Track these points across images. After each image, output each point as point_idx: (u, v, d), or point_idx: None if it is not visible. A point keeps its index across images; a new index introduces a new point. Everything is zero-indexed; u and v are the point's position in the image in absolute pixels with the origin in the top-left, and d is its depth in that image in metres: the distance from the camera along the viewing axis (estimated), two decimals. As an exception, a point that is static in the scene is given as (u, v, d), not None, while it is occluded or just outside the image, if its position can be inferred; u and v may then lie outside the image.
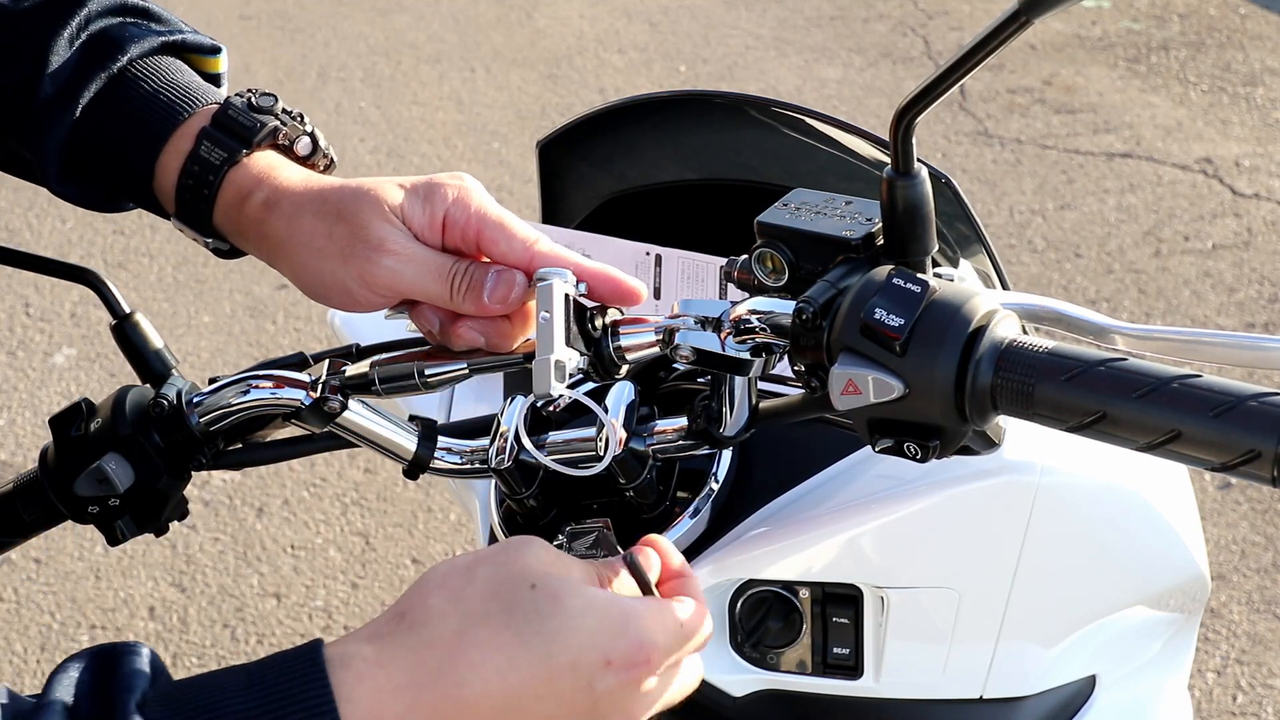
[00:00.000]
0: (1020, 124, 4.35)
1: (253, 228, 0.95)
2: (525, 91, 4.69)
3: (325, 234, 0.91)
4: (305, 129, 0.99)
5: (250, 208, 0.95)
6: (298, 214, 0.92)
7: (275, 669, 0.67)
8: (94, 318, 3.58)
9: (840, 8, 5.22)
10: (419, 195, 0.90)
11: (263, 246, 0.95)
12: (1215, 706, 2.49)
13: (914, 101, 0.76)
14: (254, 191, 0.95)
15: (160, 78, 1.00)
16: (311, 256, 0.91)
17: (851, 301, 0.77)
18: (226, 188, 0.96)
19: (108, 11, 1.02)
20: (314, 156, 1.00)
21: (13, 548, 1.11)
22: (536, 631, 0.69)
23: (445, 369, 0.93)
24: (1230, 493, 2.91)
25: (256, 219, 0.95)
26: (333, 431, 1.00)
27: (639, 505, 0.97)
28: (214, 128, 0.97)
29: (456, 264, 0.90)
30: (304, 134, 0.99)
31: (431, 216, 0.90)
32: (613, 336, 0.88)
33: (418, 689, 0.67)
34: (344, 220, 0.90)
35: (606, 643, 0.70)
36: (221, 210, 0.97)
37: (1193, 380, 0.69)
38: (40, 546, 2.83)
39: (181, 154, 0.97)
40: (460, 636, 0.68)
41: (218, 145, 0.96)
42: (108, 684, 0.67)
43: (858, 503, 0.97)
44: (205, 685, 0.67)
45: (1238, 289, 3.56)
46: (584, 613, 0.70)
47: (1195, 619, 1.19)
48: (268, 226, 0.94)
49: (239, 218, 0.96)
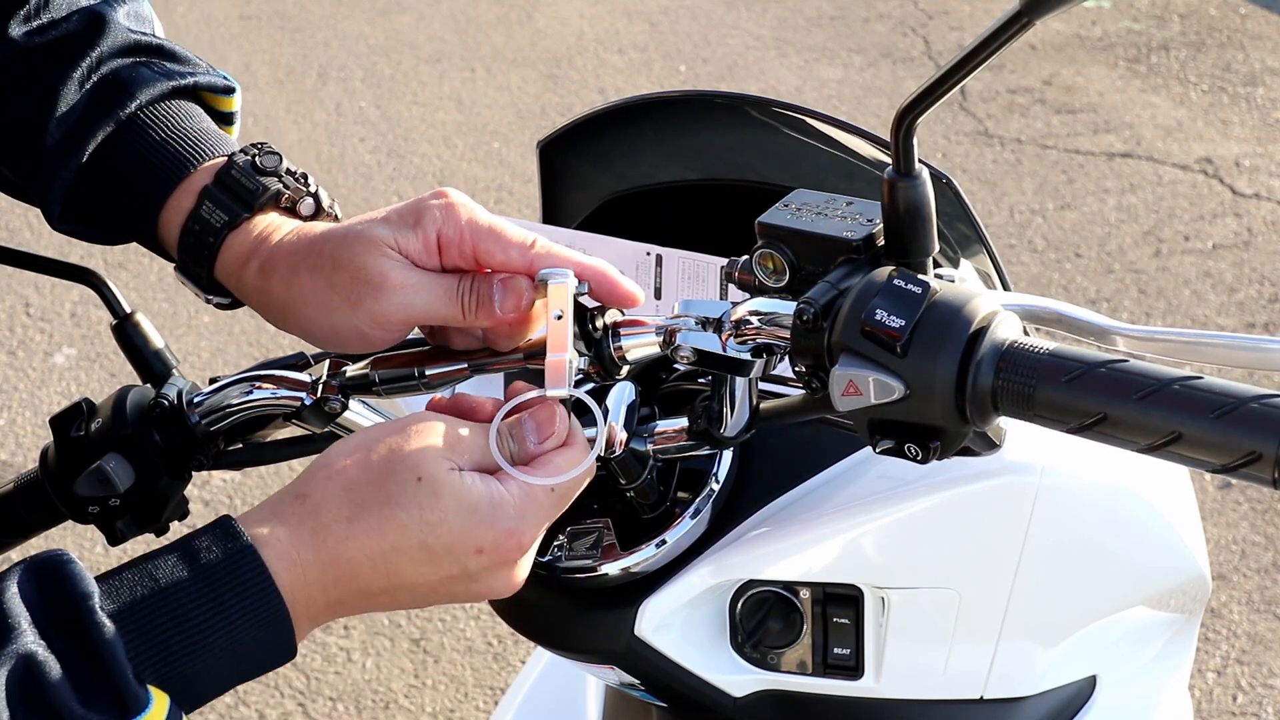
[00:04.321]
0: (1020, 124, 4.35)
1: (255, 295, 0.95)
2: (525, 91, 4.70)
3: (326, 286, 0.90)
4: (309, 189, 0.97)
5: (249, 274, 0.94)
6: (294, 274, 0.91)
7: (209, 553, 0.76)
8: (94, 318, 3.58)
9: (840, 8, 5.21)
10: (407, 223, 0.89)
11: (268, 311, 0.94)
12: (1215, 706, 2.49)
13: (915, 102, 0.76)
14: (251, 258, 0.94)
15: (169, 125, 0.99)
16: (319, 312, 0.90)
17: (852, 302, 0.77)
18: (226, 251, 0.95)
19: (121, 51, 1.01)
20: (318, 217, 0.98)
21: (13, 548, 1.11)
22: (415, 521, 0.78)
23: (445, 369, 0.93)
24: (1230, 493, 2.91)
25: (256, 286, 0.94)
26: (333, 431, 1.00)
27: (639, 505, 0.97)
28: (216, 187, 0.96)
29: (462, 281, 0.89)
30: (307, 195, 0.97)
31: (425, 240, 0.89)
32: (613, 337, 0.88)
33: (322, 565, 0.78)
34: (342, 268, 0.89)
35: (476, 534, 0.79)
36: (222, 272, 0.96)
37: (1194, 382, 0.69)
38: (40, 546, 2.83)
39: (184, 211, 0.96)
40: (350, 522, 0.78)
41: (219, 207, 0.95)
42: (60, 599, 0.72)
43: (858, 503, 0.97)
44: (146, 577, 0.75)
45: (1238, 289, 3.56)
46: (457, 508, 0.79)
47: (1195, 619, 1.19)
48: (268, 294, 0.93)
49: (239, 283, 0.95)
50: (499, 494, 0.80)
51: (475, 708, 2.57)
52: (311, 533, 0.78)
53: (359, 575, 0.79)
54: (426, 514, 0.79)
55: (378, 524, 0.78)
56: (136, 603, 0.74)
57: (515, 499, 0.81)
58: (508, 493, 0.81)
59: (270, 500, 0.81)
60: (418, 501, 0.79)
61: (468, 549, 0.80)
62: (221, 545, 0.76)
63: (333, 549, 0.78)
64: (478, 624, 2.72)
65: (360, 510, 0.79)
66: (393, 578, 0.79)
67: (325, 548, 0.78)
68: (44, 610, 0.72)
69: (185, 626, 0.74)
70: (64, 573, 0.73)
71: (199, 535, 0.77)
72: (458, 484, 0.80)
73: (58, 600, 0.72)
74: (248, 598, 0.75)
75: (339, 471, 0.80)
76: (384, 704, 2.57)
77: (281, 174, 0.97)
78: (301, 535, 0.78)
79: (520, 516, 0.81)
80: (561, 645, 1.00)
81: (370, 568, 0.79)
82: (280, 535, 0.78)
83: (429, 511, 0.79)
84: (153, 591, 0.74)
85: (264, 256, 0.94)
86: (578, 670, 1.22)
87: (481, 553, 0.80)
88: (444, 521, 0.79)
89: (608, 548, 0.96)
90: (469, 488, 0.80)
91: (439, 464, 0.80)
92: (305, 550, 0.78)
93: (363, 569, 0.79)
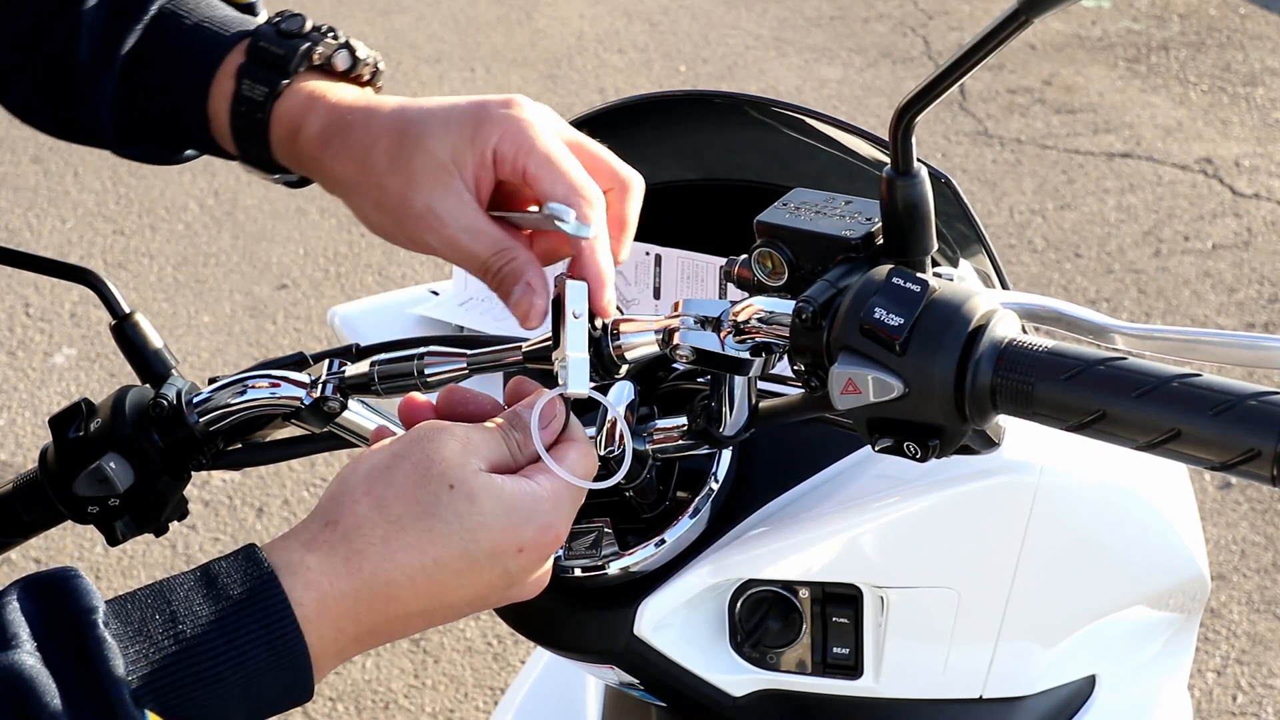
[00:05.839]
0: (1020, 124, 4.35)
1: (308, 164, 0.94)
2: (525, 91, 4.68)
3: (377, 185, 0.89)
4: (339, 42, 0.96)
5: (304, 142, 0.93)
6: (347, 155, 0.90)
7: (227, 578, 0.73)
8: (94, 318, 3.58)
9: (840, 8, 5.21)
10: (466, 133, 0.88)
11: (324, 182, 0.94)
12: (1215, 706, 2.49)
13: (914, 101, 0.76)
14: (304, 124, 0.93)
15: (193, 17, 0.98)
16: (369, 207, 0.90)
17: (851, 301, 0.77)
18: (276, 124, 0.94)
19: None
20: (355, 69, 0.97)
21: (13, 548, 1.12)
22: (455, 530, 0.76)
23: (445, 368, 0.93)
24: (1230, 493, 2.91)
25: (312, 157, 0.93)
26: (333, 431, 1.00)
27: (639, 505, 0.97)
28: (250, 63, 0.95)
29: (494, 257, 0.88)
30: (339, 48, 0.96)
31: (480, 157, 0.87)
32: (613, 336, 0.88)
33: (355, 593, 0.74)
34: (396, 171, 0.88)
35: (518, 533, 0.78)
36: (278, 146, 0.95)
37: (1192, 379, 0.69)
38: (40, 546, 2.83)
39: (227, 96, 0.95)
40: (387, 542, 0.75)
41: (258, 81, 0.94)
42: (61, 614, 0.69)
43: (858, 502, 0.97)
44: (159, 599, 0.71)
45: (1238, 289, 3.56)
46: (495, 508, 0.77)
47: (1195, 619, 1.19)
48: (323, 166, 0.92)
49: (296, 152, 0.94)
50: (531, 489, 0.79)
51: (475, 708, 2.57)
52: (345, 559, 0.75)
53: (397, 599, 0.76)
54: (465, 520, 0.76)
55: (416, 539, 0.76)
56: (144, 623, 0.70)
57: (548, 492, 0.80)
58: (539, 487, 0.80)
59: (297, 529, 0.77)
60: (454, 509, 0.76)
61: (509, 549, 0.78)
62: (241, 571, 0.73)
63: (369, 573, 0.75)
64: (477, 624, 2.72)
65: (397, 529, 0.76)
66: (433, 596, 0.77)
67: (361, 574, 0.75)
68: (44, 624, 0.69)
69: (194, 653, 0.70)
70: (68, 587, 0.71)
71: (219, 560, 0.74)
72: (491, 485, 0.78)
73: (59, 614, 0.70)
74: (264, 627, 0.71)
75: (365, 493, 0.77)
76: (384, 704, 2.57)
77: (307, 32, 0.96)
78: (334, 563, 0.75)
79: (555, 509, 0.80)
80: (561, 645, 1.00)
81: (410, 588, 0.76)
82: (310, 564, 0.74)
83: (467, 517, 0.76)
84: (163, 614, 0.71)
85: (320, 124, 0.93)
86: (578, 670, 1.22)
87: (522, 551, 0.78)
88: (484, 525, 0.77)
89: (608, 547, 0.96)
90: (502, 486, 0.78)
91: (466, 468, 0.78)
92: (339, 580, 0.74)
93: (402, 590, 0.76)
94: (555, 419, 0.83)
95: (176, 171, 4.22)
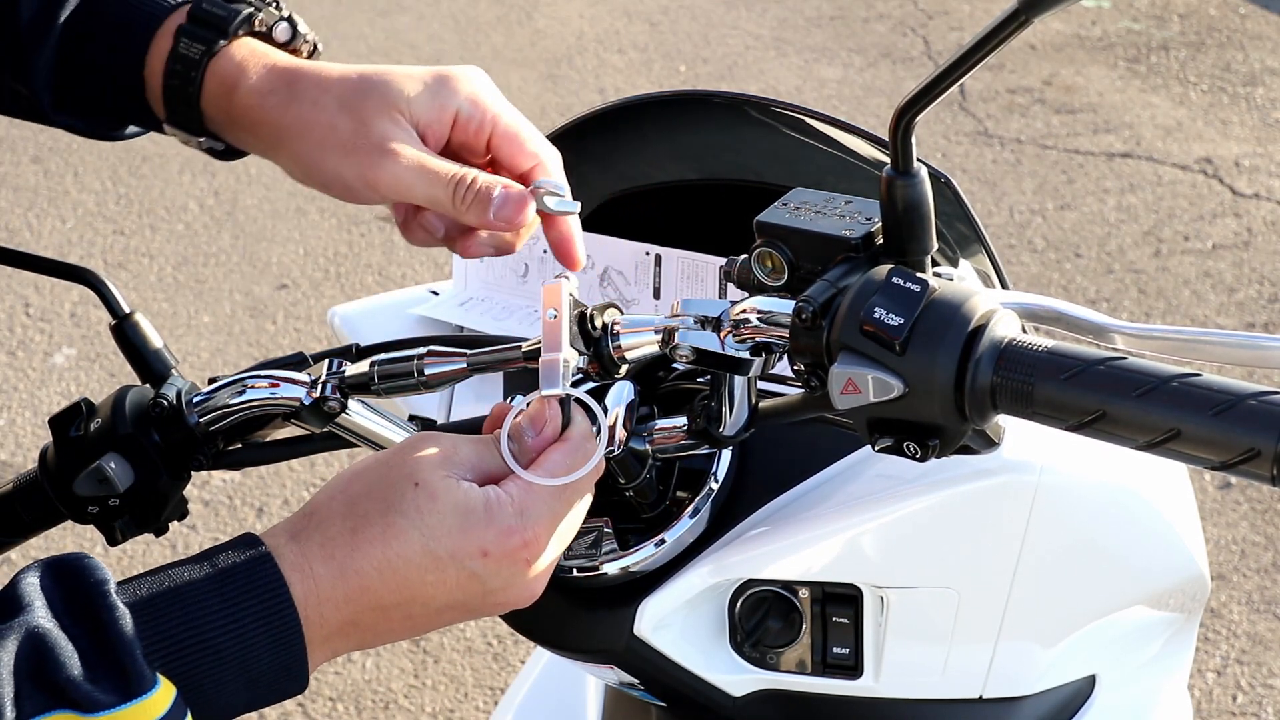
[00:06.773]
0: (1020, 124, 4.35)
1: (245, 115, 0.93)
2: (525, 91, 4.69)
3: (327, 124, 0.89)
4: (281, 14, 0.97)
5: (241, 96, 0.93)
6: (294, 100, 0.90)
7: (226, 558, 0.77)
8: (94, 318, 3.58)
9: (840, 8, 5.22)
10: (429, 89, 0.88)
11: (258, 135, 0.93)
12: (1215, 706, 2.49)
13: (913, 101, 0.76)
14: (240, 80, 0.93)
15: None
16: (312, 147, 0.90)
17: (851, 301, 0.77)
18: (210, 80, 0.94)
19: None
20: (294, 42, 0.98)
21: (13, 548, 1.11)
22: (414, 526, 0.78)
23: (445, 368, 0.93)
24: (1230, 493, 2.91)
25: (249, 106, 0.93)
26: (332, 431, 1.00)
27: (639, 505, 0.97)
28: (190, 23, 0.95)
29: (464, 176, 0.88)
30: (280, 19, 0.97)
31: (441, 112, 0.88)
32: (612, 336, 0.88)
33: (332, 580, 0.78)
34: (347, 111, 0.88)
35: (478, 535, 0.79)
36: (210, 103, 0.95)
37: (1192, 379, 0.69)
38: (40, 546, 2.83)
39: (164, 56, 0.95)
40: (354, 534, 0.78)
41: (195, 40, 0.94)
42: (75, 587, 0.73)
43: (857, 502, 0.97)
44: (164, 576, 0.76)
45: (1238, 289, 3.56)
46: (453, 510, 0.79)
47: (1195, 619, 1.19)
48: (263, 114, 0.92)
49: (229, 108, 0.94)
50: (496, 495, 0.81)
51: (475, 708, 2.57)
52: (319, 545, 0.78)
53: (369, 588, 0.78)
54: (426, 517, 0.79)
55: (380, 533, 0.79)
56: (151, 597, 0.75)
57: (514, 498, 0.81)
58: (505, 493, 0.81)
59: (284, 521, 0.82)
60: (416, 506, 0.79)
61: (471, 551, 0.79)
62: (239, 552, 0.77)
63: (341, 561, 0.78)
64: (478, 624, 2.72)
65: (363, 521, 0.79)
66: (403, 589, 0.79)
67: (334, 560, 0.78)
68: (60, 596, 0.73)
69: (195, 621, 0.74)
70: (81, 564, 0.75)
71: (220, 545, 0.78)
72: (453, 488, 0.80)
73: (73, 587, 0.74)
74: (261, 600, 0.76)
75: (342, 490, 0.81)
76: (384, 704, 2.57)
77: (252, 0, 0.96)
78: (310, 548, 0.78)
79: (520, 514, 0.80)
80: (561, 645, 1.00)
81: (379, 579, 0.78)
82: (292, 548, 0.78)
83: (427, 515, 0.79)
84: (167, 588, 0.75)
85: (262, 76, 0.93)
86: (578, 670, 1.22)
87: (487, 555, 0.79)
88: (443, 524, 0.79)
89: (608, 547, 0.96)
90: (465, 491, 0.80)
91: (434, 471, 0.80)
92: (317, 564, 0.78)
93: (372, 581, 0.78)
94: (548, 423, 0.84)
95: (176, 171, 4.23)
